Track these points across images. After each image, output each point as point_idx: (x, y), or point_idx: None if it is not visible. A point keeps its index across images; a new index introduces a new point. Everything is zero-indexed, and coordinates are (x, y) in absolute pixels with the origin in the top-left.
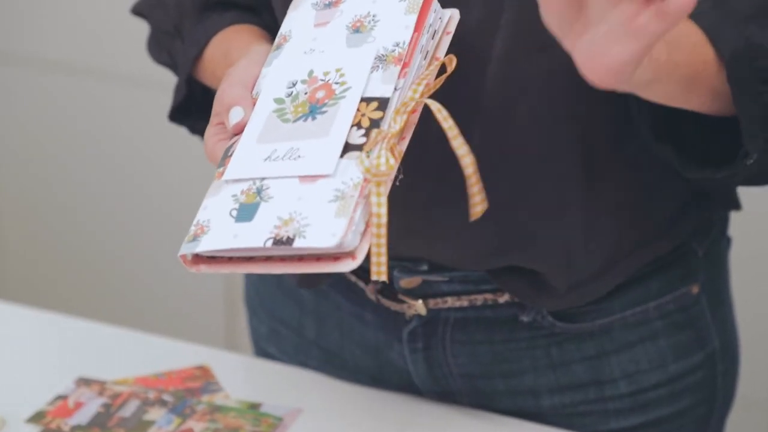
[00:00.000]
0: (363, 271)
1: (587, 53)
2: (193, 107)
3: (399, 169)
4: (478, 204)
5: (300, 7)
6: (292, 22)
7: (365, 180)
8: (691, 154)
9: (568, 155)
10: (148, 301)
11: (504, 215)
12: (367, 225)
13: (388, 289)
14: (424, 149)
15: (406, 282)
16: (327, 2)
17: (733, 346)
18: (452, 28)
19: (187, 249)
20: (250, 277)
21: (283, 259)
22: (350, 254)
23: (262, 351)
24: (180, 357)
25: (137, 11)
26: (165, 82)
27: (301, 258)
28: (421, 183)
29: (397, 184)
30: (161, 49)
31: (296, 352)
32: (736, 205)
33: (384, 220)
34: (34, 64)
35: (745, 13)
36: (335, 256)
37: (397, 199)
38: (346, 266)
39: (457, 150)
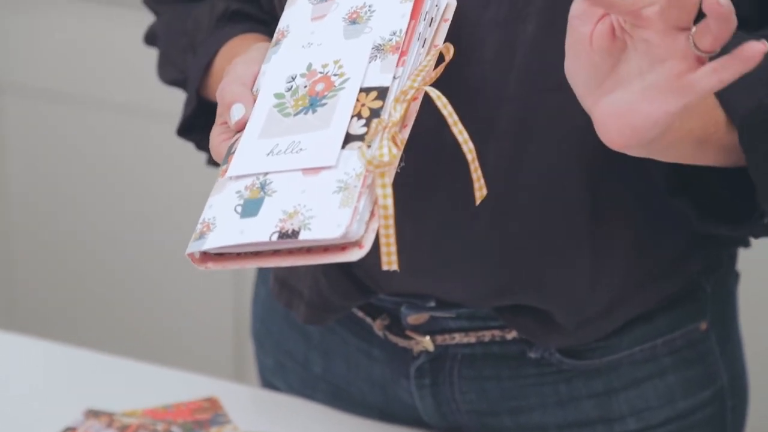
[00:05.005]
0: (370, 307)
1: (614, 111)
2: (204, 123)
3: (401, 157)
4: (477, 190)
5: (297, 2)
6: (289, 18)
7: (367, 171)
8: (709, 209)
9: (577, 194)
10: (157, 333)
11: (512, 254)
12: (372, 214)
13: (395, 325)
14: (432, 189)
15: (414, 318)
16: None
17: (741, 381)
18: (450, 15)
19: (195, 247)
20: (257, 311)
21: (291, 252)
22: (357, 243)
23: (268, 384)
24: (189, 389)
25: (150, 34)
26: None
27: (309, 250)
28: (427, 222)
29: (398, 171)
30: (173, 67)
31: (302, 386)
32: (744, 242)
33: (391, 211)
34: (45, 95)
35: (763, 77)
36: (342, 246)
37: (404, 237)
38: (354, 255)
39: (458, 136)
